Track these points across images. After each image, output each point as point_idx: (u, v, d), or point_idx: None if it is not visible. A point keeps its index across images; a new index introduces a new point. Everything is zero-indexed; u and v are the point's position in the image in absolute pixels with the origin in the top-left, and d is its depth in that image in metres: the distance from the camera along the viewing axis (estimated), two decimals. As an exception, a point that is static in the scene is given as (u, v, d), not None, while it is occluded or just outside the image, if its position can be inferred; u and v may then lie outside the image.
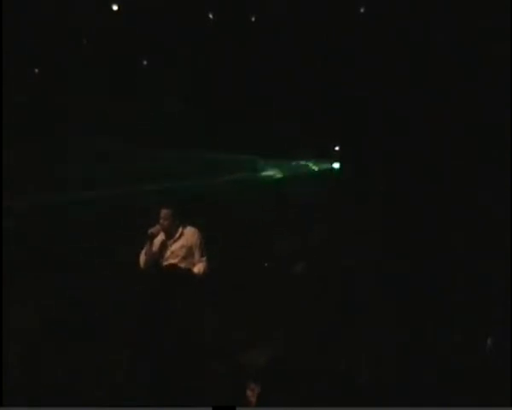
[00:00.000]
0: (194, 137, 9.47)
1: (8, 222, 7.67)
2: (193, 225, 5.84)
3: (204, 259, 5.75)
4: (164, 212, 5.71)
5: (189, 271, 5.63)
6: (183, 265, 5.67)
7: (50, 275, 7.35)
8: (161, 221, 5.69)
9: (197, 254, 5.76)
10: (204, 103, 9.52)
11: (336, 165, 10.08)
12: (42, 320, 6.36)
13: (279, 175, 10.58)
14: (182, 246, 5.74)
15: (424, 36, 8.29)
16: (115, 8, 8.58)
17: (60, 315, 6.48)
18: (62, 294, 6.94)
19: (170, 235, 5.73)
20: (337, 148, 10.08)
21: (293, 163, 10.55)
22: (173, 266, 5.66)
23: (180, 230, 5.77)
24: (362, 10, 8.75)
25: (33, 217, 8.53)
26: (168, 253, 5.72)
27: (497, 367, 5.22)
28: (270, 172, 10.60)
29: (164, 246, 5.74)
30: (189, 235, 5.78)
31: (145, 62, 9.54)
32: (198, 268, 5.66)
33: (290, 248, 8.62)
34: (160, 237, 5.74)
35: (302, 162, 10.51)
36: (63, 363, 5.62)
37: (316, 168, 10.45)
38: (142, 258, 5.76)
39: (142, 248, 5.76)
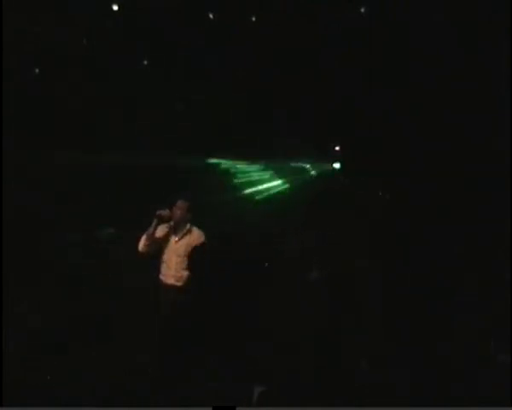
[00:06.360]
0: (194, 140, 9.46)
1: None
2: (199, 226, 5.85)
3: (205, 260, 5.75)
4: (180, 202, 5.72)
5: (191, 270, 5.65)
6: (184, 263, 5.67)
7: (52, 273, 7.37)
8: (174, 209, 5.68)
9: (199, 256, 5.75)
10: (203, 103, 9.52)
11: (336, 165, 10.06)
12: (42, 320, 6.37)
13: (279, 176, 10.57)
14: (187, 244, 5.74)
15: (425, 36, 8.29)
16: (115, 8, 8.59)
17: (60, 314, 6.48)
18: (63, 294, 6.95)
19: (177, 227, 5.72)
20: (337, 148, 10.06)
21: (294, 164, 10.53)
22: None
23: (188, 226, 5.76)
24: (362, 10, 8.76)
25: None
26: (170, 247, 5.70)
27: (497, 367, 5.23)
28: (270, 173, 10.59)
29: (167, 236, 5.72)
30: (196, 236, 5.78)
31: (145, 62, 9.54)
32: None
33: (290, 249, 8.62)
34: (166, 226, 5.72)
35: (302, 163, 10.50)
36: (63, 363, 5.62)
37: (316, 168, 10.44)
38: (143, 240, 5.70)
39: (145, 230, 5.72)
